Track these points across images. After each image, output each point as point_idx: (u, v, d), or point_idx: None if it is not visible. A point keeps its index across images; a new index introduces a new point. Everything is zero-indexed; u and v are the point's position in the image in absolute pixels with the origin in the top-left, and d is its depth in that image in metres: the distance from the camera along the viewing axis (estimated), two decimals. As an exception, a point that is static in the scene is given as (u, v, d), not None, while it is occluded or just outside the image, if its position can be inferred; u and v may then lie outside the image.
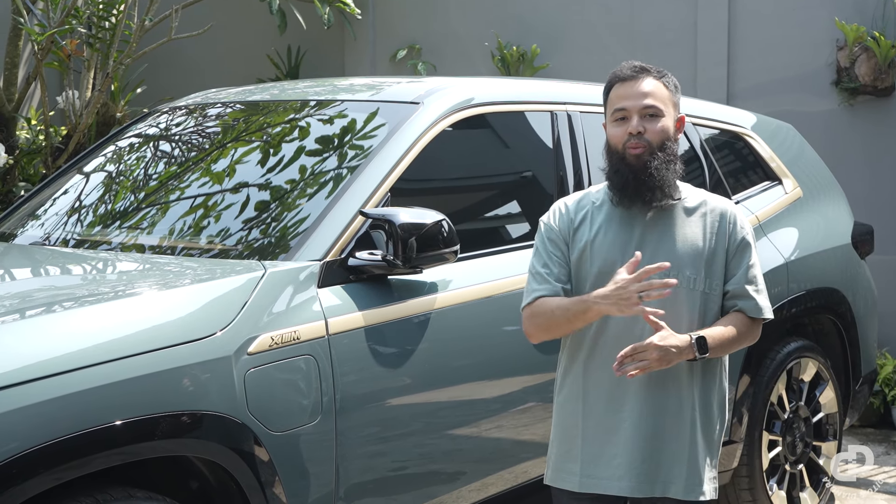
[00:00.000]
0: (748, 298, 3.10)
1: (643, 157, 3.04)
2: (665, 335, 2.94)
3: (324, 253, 3.39)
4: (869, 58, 6.97)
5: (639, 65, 3.13)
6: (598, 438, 3.10)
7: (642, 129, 3.04)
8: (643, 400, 3.05)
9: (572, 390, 3.15)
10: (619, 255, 3.06)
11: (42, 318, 2.92)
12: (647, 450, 3.06)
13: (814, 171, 5.45)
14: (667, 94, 3.10)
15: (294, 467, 3.16)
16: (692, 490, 3.07)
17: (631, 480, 3.06)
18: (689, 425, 3.07)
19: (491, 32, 7.96)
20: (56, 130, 6.52)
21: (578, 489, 3.13)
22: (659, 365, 2.95)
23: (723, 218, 3.11)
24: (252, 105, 4.37)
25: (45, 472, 2.67)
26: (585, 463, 3.11)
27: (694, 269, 3.06)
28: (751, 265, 3.12)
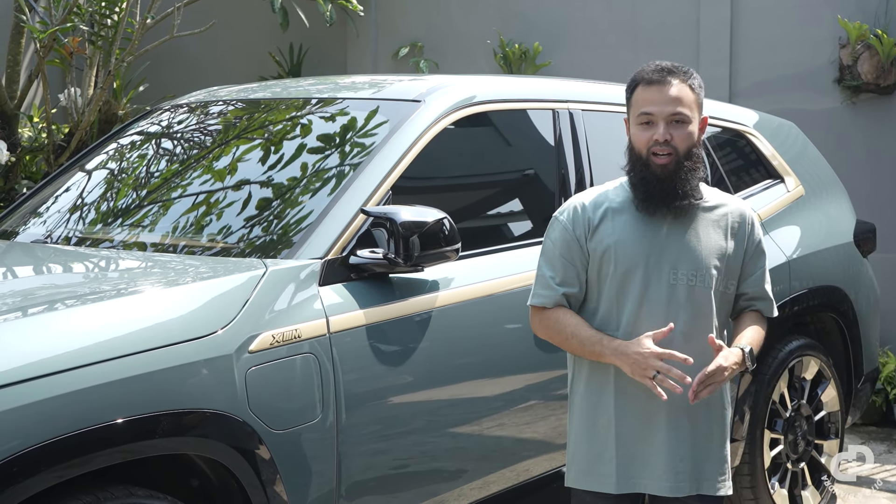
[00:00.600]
0: (765, 300, 3.18)
1: (669, 166, 3.01)
2: (727, 355, 2.98)
3: (325, 251, 3.39)
4: (871, 56, 6.97)
5: (666, 66, 3.06)
6: (635, 439, 3.08)
7: (669, 137, 3.01)
8: (679, 401, 3.04)
9: (602, 392, 3.11)
10: (643, 257, 3.05)
11: (44, 317, 2.92)
12: (685, 450, 3.07)
13: (816, 169, 5.45)
14: (693, 98, 3.05)
15: (295, 465, 3.16)
16: (722, 485, 3.12)
17: (670, 480, 3.07)
18: (718, 422, 3.12)
19: (493, 30, 7.95)
20: (58, 128, 6.53)
21: (615, 490, 3.10)
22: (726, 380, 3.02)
23: (743, 220, 3.14)
24: (254, 103, 4.37)
25: (47, 470, 2.67)
26: (622, 465, 3.09)
27: (714, 269, 3.08)
28: (764, 270, 3.19)
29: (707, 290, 3.06)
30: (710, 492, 3.10)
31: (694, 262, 3.05)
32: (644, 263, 3.04)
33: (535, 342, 3.77)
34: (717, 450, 3.12)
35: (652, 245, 3.06)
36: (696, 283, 3.04)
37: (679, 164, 3.02)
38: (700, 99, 3.10)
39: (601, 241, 3.09)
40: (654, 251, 3.05)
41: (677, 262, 3.04)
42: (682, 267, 3.04)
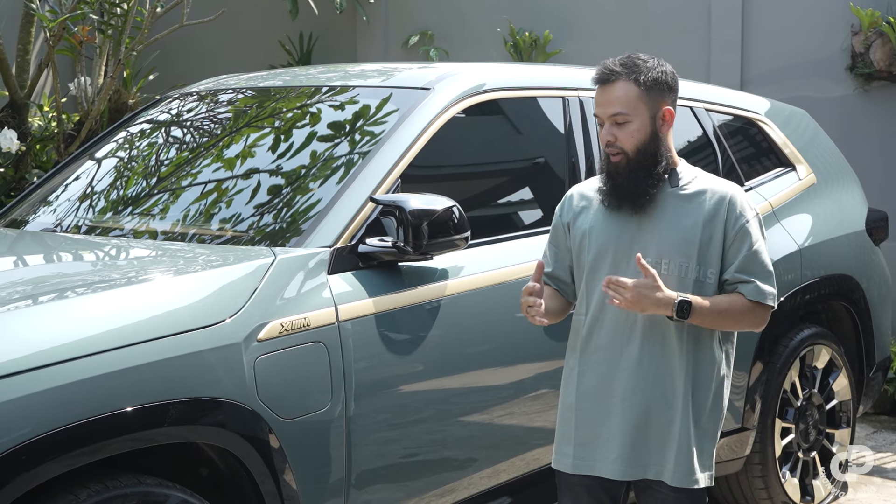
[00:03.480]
0: (746, 283, 3.08)
1: (620, 164, 3.07)
2: (647, 283, 2.94)
3: (334, 239, 3.38)
4: (884, 43, 6.93)
5: (610, 65, 3.09)
6: (591, 422, 3.13)
7: (612, 138, 3.06)
8: (633, 388, 3.08)
9: (569, 375, 3.20)
10: (613, 243, 3.10)
11: (53, 305, 2.93)
12: (637, 435, 3.08)
13: (828, 158, 5.42)
14: (636, 94, 3.05)
15: (304, 454, 3.16)
16: (683, 478, 3.08)
17: (622, 464, 3.09)
18: (680, 414, 3.07)
19: (503, 18, 7.93)
20: (68, 117, 6.53)
21: (572, 471, 3.17)
22: (632, 307, 2.97)
23: (720, 204, 3.08)
24: (263, 91, 4.36)
25: (57, 458, 2.67)
26: (579, 446, 3.15)
27: (685, 256, 3.06)
28: (753, 252, 3.08)
29: (675, 278, 3.05)
30: (670, 481, 3.07)
31: (662, 250, 3.05)
32: (614, 250, 3.09)
33: (545, 330, 3.76)
34: (678, 441, 3.06)
35: (622, 232, 3.09)
36: (661, 270, 3.03)
37: (629, 162, 3.06)
38: (651, 94, 3.06)
39: (580, 227, 3.16)
40: (624, 238, 3.09)
41: (646, 249, 3.06)
42: (651, 254, 3.05)
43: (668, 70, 3.12)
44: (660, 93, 3.08)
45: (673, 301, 2.97)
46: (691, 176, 3.15)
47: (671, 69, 3.13)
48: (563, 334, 3.32)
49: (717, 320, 3.05)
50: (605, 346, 3.11)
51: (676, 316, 2.98)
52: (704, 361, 3.11)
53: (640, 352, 3.07)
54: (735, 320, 3.08)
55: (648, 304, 2.96)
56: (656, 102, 3.08)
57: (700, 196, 3.10)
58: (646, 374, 3.07)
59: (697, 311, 2.99)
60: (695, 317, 3.00)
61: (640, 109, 3.06)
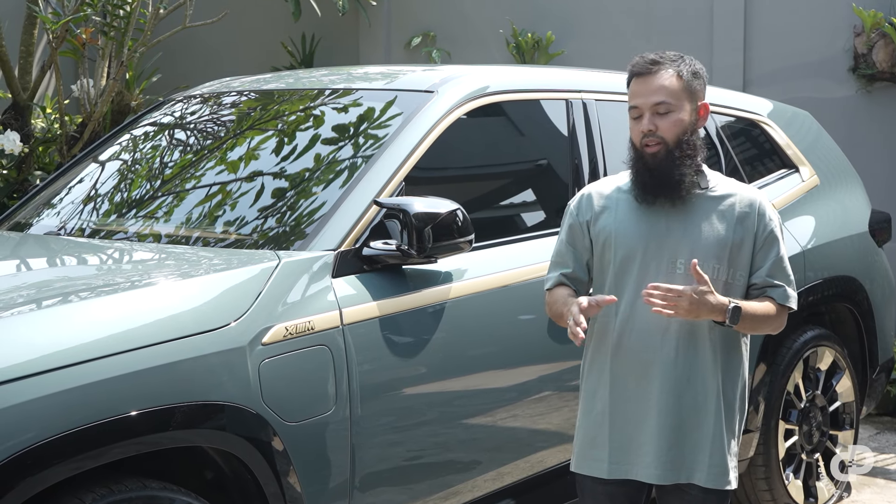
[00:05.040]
0: (776, 287, 3.12)
1: (659, 154, 3.05)
2: (703, 290, 2.94)
3: (338, 243, 3.39)
4: (886, 44, 6.92)
5: (652, 57, 3.11)
6: (626, 427, 3.12)
7: (653, 127, 3.05)
8: (669, 391, 3.07)
9: (599, 378, 3.17)
10: (643, 244, 3.08)
11: (58, 309, 2.93)
12: (673, 438, 3.08)
13: (831, 159, 5.42)
14: (679, 86, 3.07)
15: (309, 457, 3.16)
16: (717, 479, 3.09)
17: (658, 468, 3.09)
18: (713, 415, 3.08)
19: (506, 19, 7.93)
20: (71, 119, 6.53)
21: (607, 476, 3.15)
22: (686, 315, 2.96)
23: (751, 209, 3.10)
24: (266, 94, 4.36)
25: (61, 462, 2.68)
26: (614, 450, 3.13)
27: (717, 259, 3.07)
28: (780, 257, 3.13)
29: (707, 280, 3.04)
30: (703, 483, 3.08)
31: (695, 251, 3.04)
32: (643, 251, 3.08)
33: (549, 333, 3.76)
34: (711, 442, 3.08)
35: (651, 233, 3.08)
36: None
37: (669, 153, 3.05)
38: (693, 86, 3.10)
39: (603, 228, 3.14)
40: (653, 239, 3.08)
41: (677, 250, 3.05)
42: (682, 256, 3.05)
43: (701, 68, 3.15)
44: (699, 87, 3.12)
45: (726, 307, 2.97)
46: (716, 179, 3.16)
47: (703, 68, 3.17)
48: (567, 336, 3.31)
49: (755, 324, 3.08)
50: (637, 348, 3.08)
51: (729, 322, 2.99)
52: (732, 362, 3.13)
53: (675, 354, 3.06)
54: (767, 324, 3.13)
55: (704, 311, 2.96)
56: (696, 96, 3.11)
57: (728, 199, 3.11)
58: (681, 377, 3.06)
59: (745, 317, 3.02)
60: (742, 322, 3.02)
61: (683, 100, 3.07)
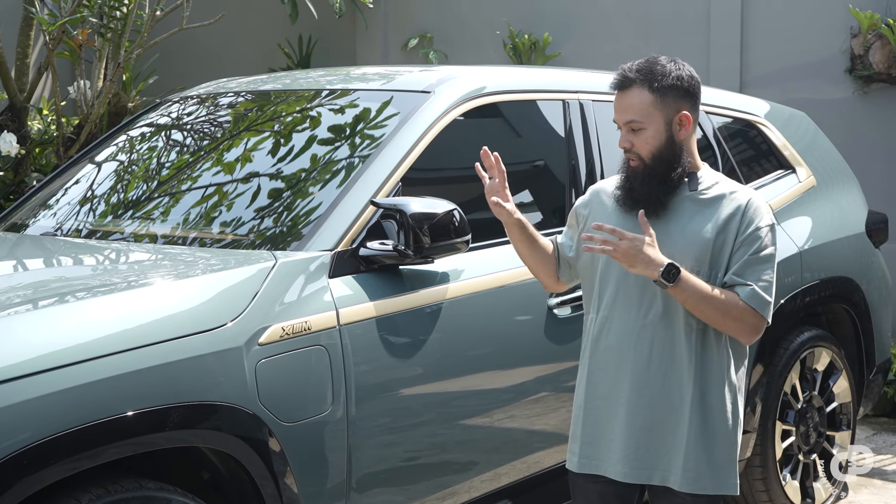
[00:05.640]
0: (744, 285, 3.03)
1: (637, 169, 3.08)
2: (645, 239, 2.95)
3: (335, 243, 3.39)
4: (883, 45, 6.93)
5: (626, 71, 3.08)
6: (598, 423, 3.13)
7: (628, 144, 3.08)
8: (639, 392, 3.07)
9: (580, 374, 3.21)
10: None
11: (54, 309, 2.93)
12: (643, 439, 3.07)
13: (827, 160, 5.42)
14: (650, 101, 3.03)
15: (306, 457, 3.16)
16: (692, 483, 3.05)
17: (625, 466, 3.09)
18: (688, 419, 3.04)
19: (502, 20, 7.93)
20: (68, 120, 6.53)
21: (577, 469, 3.17)
22: (623, 259, 2.95)
23: (737, 210, 3.07)
24: (263, 94, 4.36)
25: (58, 462, 2.67)
26: (585, 445, 3.15)
27: (697, 261, 3.04)
28: (757, 257, 3.04)
29: None
30: (678, 486, 3.05)
31: (674, 253, 3.03)
32: None
33: (546, 334, 3.77)
34: (686, 445, 3.04)
35: (636, 232, 3.06)
36: None
37: (646, 168, 3.07)
38: (667, 99, 3.03)
39: (594, 223, 3.14)
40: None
41: (659, 249, 3.03)
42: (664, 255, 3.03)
43: (685, 74, 3.08)
44: (675, 98, 3.05)
45: (662, 262, 2.94)
46: (712, 181, 3.12)
47: (690, 73, 3.09)
48: (564, 337, 3.33)
49: (700, 304, 2.97)
50: (613, 346, 3.10)
51: (661, 278, 2.93)
52: (713, 364, 3.08)
53: (649, 355, 3.06)
54: (720, 313, 2.99)
55: (640, 261, 2.94)
56: (671, 108, 3.05)
57: (717, 202, 3.09)
58: (654, 377, 3.06)
59: (683, 282, 2.94)
60: (680, 287, 2.94)
61: (653, 116, 3.04)
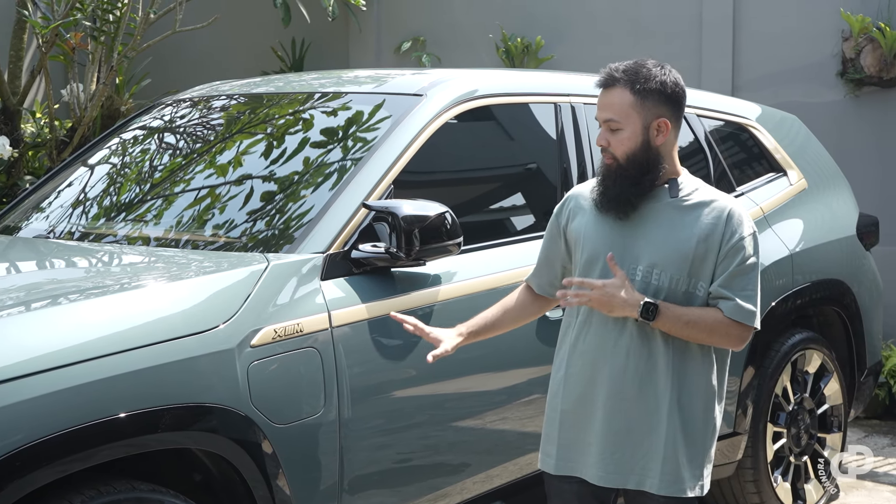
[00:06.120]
0: (727, 299, 3.03)
1: (611, 168, 3.08)
2: (616, 284, 2.96)
3: (327, 245, 3.39)
4: (874, 49, 6.95)
5: (611, 70, 3.08)
6: (575, 424, 3.13)
7: (605, 143, 3.08)
8: (616, 396, 3.06)
9: (557, 376, 3.19)
10: (605, 248, 3.07)
11: (47, 311, 2.93)
12: (619, 443, 3.06)
13: (819, 163, 5.44)
14: (630, 102, 3.02)
15: (298, 459, 3.17)
16: (669, 486, 3.05)
17: (601, 470, 3.08)
18: (665, 424, 3.04)
19: (495, 24, 7.95)
20: (61, 123, 6.53)
21: (554, 471, 3.17)
22: (599, 307, 2.99)
23: (719, 219, 3.05)
24: (256, 97, 4.37)
25: (50, 464, 2.68)
26: (562, 447, 3.15)
27: (678, 269, 3.03)
28: (741, 268, 3.03)
29: (664, 288, 3.03)
30: (655, 490, 3.05)
31: (654, 258, 3.03)
32: (604, 256, 3.06)
33: (538, 336, 3.77)
34: (664, 449, 3.04)
35: (616, 237, 3.08)
36: (652, 280, 3.03)
37: (619, 168, 3.06)
38: (647, 102, 3.02)
39: (575, 228, 3.17)
40: (617, 243, 3.07)
41: (639, 256, 3.04)
42: (642, 262, 3.04)
43: (670, 81, 3.05)
44: (656, 103, 3.03)
45: (639, 302, 2.96)
46: (692, 187, 3.11)
47: (675, 80, 3.07)
48: (556, 339, 3.32)
49: (685, 329, 3.00)
50: (591, 350, 3.09)
51: (641, 317, 2.96)
52: (691, 370, 3.07)
53: (626, 360, 3.05)
54: (706, 333, 3.02)
55: (616, 305, 2.96)
56: (651, 112, 3.03)
57: (699, 209, 3.07)
58: (631, 383, 3.05)
59: (663, 315, 2.97)
60: (661, 320, 2.97)
61: (632, 118, 3.03)
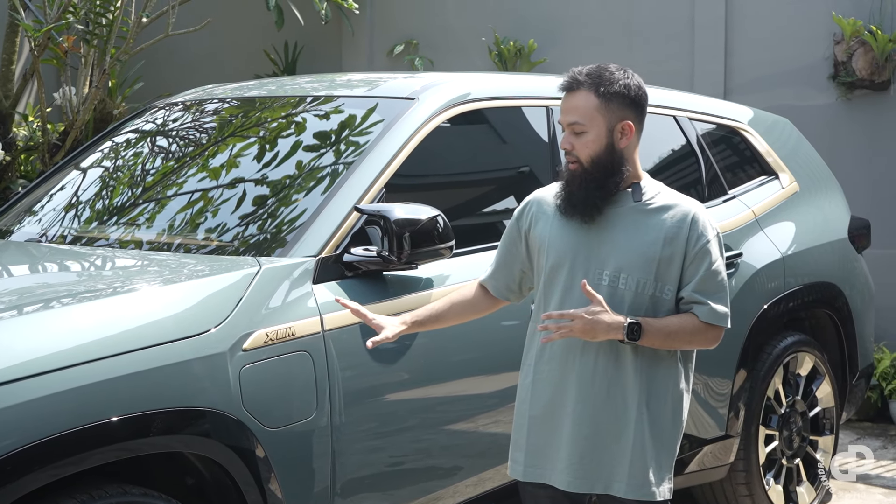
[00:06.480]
0: (701, 304, 3.05)
1: (575, 172, 3.07)
2: (596, 310, 2.94)
3: (319, 249, 3.39)
4: (866, 52, 6.97)
5: (575, 74, 3.09)
6: (543, 431, 3.11)
7: (569, 146, 3.07)
8: (585, 401, 3.05)
9: (524, 382, 3.18)
10: (570, 254, 3.07)
11: (39, 315, 2.93)
12: (587, 448, 3.05)
13: (810, 166, 5.45)
14: (594, 105, 3.03)
15: (290, 463, 3.17)
16: (637, 490, 3.05)
17: (569, 475, 3.07)
18: (633, 428, 3.04)
19: (488, 27, 7.96)
20: (53, 127, 6.53)
21: (522, 478, 3.16)
22: (582, 335, 2.97)
23: (683, 222, 3.05)
24: (249, 101, 4.37)
25: (42, 468, 2.68)
26: (530, 453, 3.14)
27: (644, 272, 3.03)
28: (711, 272, 3.05)
29: (632, 293, 3.03)
30: (621, 494, 3.05)
31: (620, 263, 3.03)
32: (571, 260, 3.06)
33: (530, 339, 3.77)
34: (632, 453, 3.04)
35: (581, 243, 3.07)
36: (619, 284, 3.03)
37: (584, 172, 3.05)
38: (612, 105, 3.03)
39: (539, 234, 3.15)
40: (582, 249, 3.07)
41: (604, 262, 3.04)
42: (609, 267, 3.04)
43: (633, 84, 3.07)
44: (620, 106, 3.05)
45: (623, 324, 2.95)
46: (654, 191, 3.11)
47: (638, 84, 3.09)
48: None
49: (667, 341, 3.02)
50: (558, 356, 3.08)
51: (627, 339, 2.96)
52: (659, 374, 3.08)
53: (594, 365, 3.04)
54: (686, 341, 3.06)
55: (599, 331, 2.95)
56: (615, 115, 3.04)
57: (662, 212, 3.07)
58: (599, 387, 3.04)
59: (647, 333, 2.98)
60: (645, 338, 2.98)
61: (596, 121, 3.04)
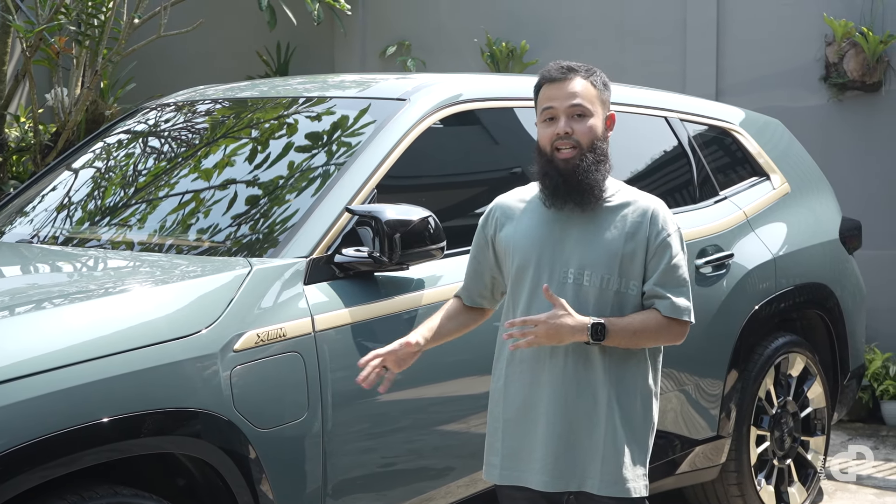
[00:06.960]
0: (663, 298, 3.05)
1: (573, 160, 3.04)
2: (558, 314, 2.94)
3: (310, 250, 3.40)
4: (857, 53, 6.99)
5: (566, 65, 3.12)
6: (517, 433, 3.11)
7: (570, 130, 3.05)
8: (557, 400, 3.05)
9: (497, 384, 3.17)
10: (536, 254, 3.07)
11: (30, 316, 2.93)
12: (560, 447, 3.05)
13: (802, 167, 5.46)
14: (594, 93, 3.08)
15: (281, 464, 3.17)
16: (610, 486, 3.05)
17: (545, 475, 3.07)
18: (604, 425, 3.04)
19: (480, 28, 7.96)
20: (45, 128, 6.52)
21: (499, 481, 3.15)
22: (548, 341, 2.96)
23: (644, 217, 3.07)
24: (240, 102, 4.37)
25: (33, 469, 2.67)
26: (506, 456, 3.13)
27: (607, 269, 3.04)
28: (671, 266, 3.06)
29: (596, 290, 3.04)
30: (594, 490, 3.05)
31: (585, 261, 3.04)
32: (537, 260, 3.07)
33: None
34: (604, 450, 3.04)
35: (546, 242, 3.07)
36: (583, 282, 3.03)
37: (583, 157, 3.04)
38: (604, 96, 3.11)
39: (505, 237, 3.15)
40: (547, 248, 3.07)
41: (568, 260, 3.04)
42: (573, 265, 3.04)
43: (607, 80, 3.16)
44: (608, 98, 3.13)
45: (586, 325, 2.95)
46: (615, 188, 3.12)
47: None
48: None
49: (633, 339, 3.02)
50: (528, 359, 3.08)
51: (592, 340, 2.96)
52: (628, 372, 3.08)
53: (564, 364, 3.04)
54: (652, 338, 3.06)
55: (564, 334, 2.95)
56: (605, 106, 3.12)
57: (623, 209, 3.08)
58: (569, 387, 3.04)
59: (612, 332, 2.98)
60: (611, 338, 2.98)
61: (597, 107, 3.08)
